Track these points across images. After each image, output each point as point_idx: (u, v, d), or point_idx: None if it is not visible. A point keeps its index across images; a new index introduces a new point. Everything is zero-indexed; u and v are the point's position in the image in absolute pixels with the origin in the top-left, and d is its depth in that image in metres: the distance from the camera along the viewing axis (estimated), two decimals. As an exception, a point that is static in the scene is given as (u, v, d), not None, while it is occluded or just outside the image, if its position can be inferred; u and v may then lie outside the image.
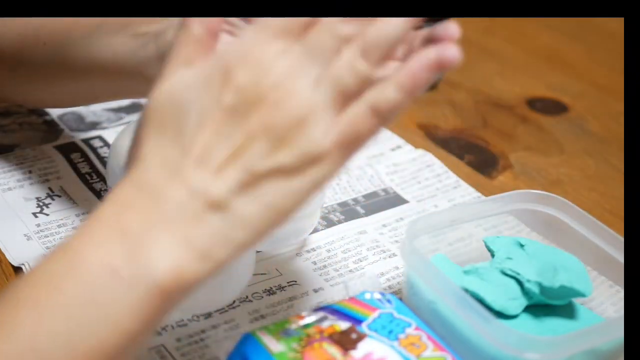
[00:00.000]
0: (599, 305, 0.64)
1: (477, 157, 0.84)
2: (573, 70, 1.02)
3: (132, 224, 0.42)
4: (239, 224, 0.43)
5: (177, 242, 0.42)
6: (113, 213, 0.43)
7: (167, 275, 0.42)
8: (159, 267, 0.42)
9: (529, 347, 0.53)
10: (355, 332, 0.54)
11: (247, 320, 0.61)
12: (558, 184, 0.81)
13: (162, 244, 0.42)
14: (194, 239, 0.42)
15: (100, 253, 0.42)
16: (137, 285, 0.42)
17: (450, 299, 0.56)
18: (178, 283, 0.42)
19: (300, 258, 0.68)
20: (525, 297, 0.61)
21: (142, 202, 0.43)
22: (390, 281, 0.66)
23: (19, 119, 0.81)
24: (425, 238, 0.63)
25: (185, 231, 0.42)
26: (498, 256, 0.63)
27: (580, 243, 0.64)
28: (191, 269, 0.43)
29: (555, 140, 0.88)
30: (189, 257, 0.42)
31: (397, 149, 0.83)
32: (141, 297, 0.42)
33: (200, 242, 0.43)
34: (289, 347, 0.52)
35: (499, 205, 0.66)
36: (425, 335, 0.55)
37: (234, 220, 0.43)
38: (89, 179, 0.74)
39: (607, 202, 0.79)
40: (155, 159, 0.44)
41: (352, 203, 0.74)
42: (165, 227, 0.42)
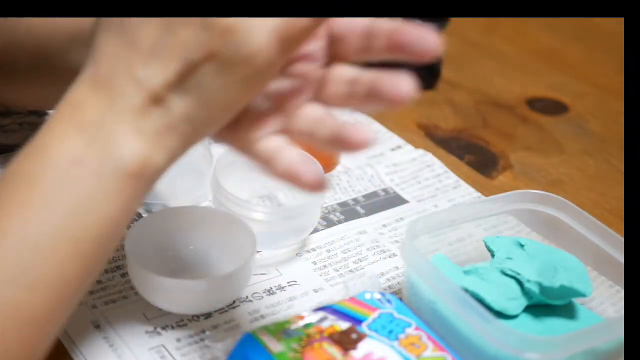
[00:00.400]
0: (599, 305, 0.64)
1: (477, 157, 0.84)
2: (573, 70, 1.02)
3: (88, 119, 0.46)
4: (179, 117, 0.46)
5: (131, 133, 0.45)
6: (70, 111, 0.46)
7: (131, 162, 0.45)
8: (123, 155, 0.45)
9: (529, 347, 0.53)
10: (355, 332, 0.54)
11: (247, 320, 0.61)
12: (558, 184, 0.81)
13: (119, 134, 0.45)
14: (144, 130, 0.46)
15: (64, 148, 0.45)
16: (104, 173, 0.45)
17: (450, 299, 0.56)
18: (142, 168, 0.46)
19: (300, 258, 0.68)
20: (525, 297, 0.61)
21: (95, 98, 0.46)
22: (390, 281, 0.66)
23: (19, 119, 0.81)
24: (425, 238, 0.63)
25: (136, 124, 0.46)
26: (498, 256, 0.63)
27: (580, 243, 0.64)
28: (152, 157, 0.46)
29: (555, 140, 0.88)
30: (146, 146, 0.46)
31: (397, 149, 0.83)
32: (111, 182, 0.45)
33: (150, 132, 0.46)
34: (289, 347, 0.52)
35: (499, 205, 0.66)
36: (425, 335, 0.55)
37: (173, 113, 0.46)
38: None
39: (607, 202, 0.79)
40: (106, 57, 0.46)
41: (352, 203, 0.74)
42: (119, 119, 0.45)
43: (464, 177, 0.79)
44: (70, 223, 0.45)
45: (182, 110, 0.46)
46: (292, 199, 0.72)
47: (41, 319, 0.45)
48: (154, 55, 0.45)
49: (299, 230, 0.67)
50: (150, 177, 0.47)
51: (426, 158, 0.81)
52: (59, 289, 0.45)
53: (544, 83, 0.99)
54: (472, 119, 0.91)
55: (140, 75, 0.45)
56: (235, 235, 0.62)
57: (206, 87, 0.45)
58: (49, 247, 0.45)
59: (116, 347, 0.57)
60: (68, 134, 0.46)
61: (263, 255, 0.67)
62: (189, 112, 0.46)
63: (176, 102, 0.45)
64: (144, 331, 0.59)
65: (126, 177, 0.45)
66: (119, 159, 0.45)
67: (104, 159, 0.45)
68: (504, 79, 0.99)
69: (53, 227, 0.45)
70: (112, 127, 0.45)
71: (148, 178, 0.47)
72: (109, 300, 0.61)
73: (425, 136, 0.86)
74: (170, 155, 0.47)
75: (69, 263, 0.45)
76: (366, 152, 0.82)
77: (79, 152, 0.45)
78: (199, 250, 0.64)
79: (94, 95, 0.46)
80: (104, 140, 0.45)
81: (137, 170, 0.46)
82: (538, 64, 1.04)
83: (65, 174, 0.45)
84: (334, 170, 0.78)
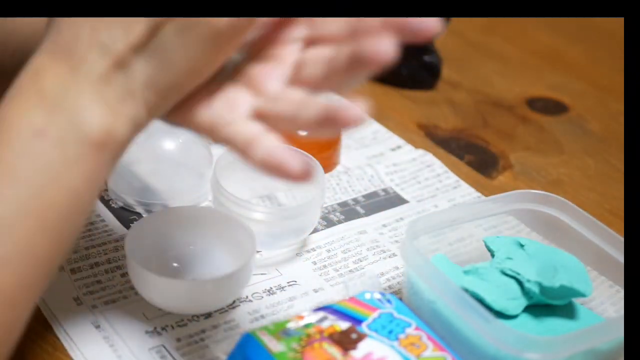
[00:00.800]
0: (599, 305, 0.64)
1: (477, 157, 0.84)
2: (573, 70, 1.02)
3: (49, 87, 0.45)
4: (142, 83, 0.45)
5: (94, 101, 0.44)
6: (30, 80, 0.45)
7: (94, 130, 0.44)
8: (86, 123, 0.44)
9: (529, 347, 0.53)
10: (355, 332, 0.54)
11: (247, 320, 0.61)
12: (558, 184, 0.81)
13: (82, 103, 0.44)
14: (107, 98, 0.45)
15: (24, 117, 0.44)
16: (66, 142, 0.44)
17: (450, 299, 0.56)
18: (106, 138, 0.45)
19: (300, 258, 0.68)
20: (525, 297, 0.61)
21: (56, 65, 0.45)
22: (390, 281, 0.66)
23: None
24: (425, 238, 0.63)
25: (99, 91, 0.45)
26: (498, 256, 0.63)
27: (580, 243, 0.64)
28: (115, 126, 0.45)
29: (555, 140, 0.88)
30: (109, 114, 0.45)
31: (397, 149, 0.83)
32: (75, 153, 0.44)
33: (113, 101, 0.45)
34: (289, 347, 0.52)
35: (499, 205, 0.66)
36: (425, 335, 0.55)
37: (135, 78, 0.45)
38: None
39: (607, 202, 0.79)
40: (67, 25, 0.45)
41: (352, 203, 0.74)
42: (81, 87, 0.45)
43: (464, 177, 0.80)
44: (34, 196, 0.44)
45: (144, 73, 0.45)
46: (292, 199, 0.72)
47: (13, 296, 0.44)
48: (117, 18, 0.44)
49: (298, 230, 0.67)
50: (115, 148, 0.46)
51: (426, 158, 0.81)
52: (29, 264, 0.44)
53: (544, 83, 0.99)
54: (472, 119, 0.91)
55: (103, 40, 0.44)
56: (235, 235, 0.63)
57: (168, 48, 0.45)
58: (15, 222, 0.44)
59: (116, 347, 0.57)
60: (29, 105, 0.45)
61: (263, 255, 0.67)
62: (151, 75, 0.45)
63: (138, 66, 0.45)
64: (144, 331, 0.59)
65: (90, 146, 0.44)
66: (82, 128, 0.44)
67: (67, 129, 0.44)
68: (504, 79, 0.99)
69: (17, 201, 0.44)
70: (74, 95, 0.44)
71: (112, 149, 0.46)
72: (109, 300, 0.61)
73: (425, 136, 0.86)
74: (134, 125, 0.46)
75: (36, 238, 0.44)
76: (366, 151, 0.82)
77: (41, 122, 0.44)
78: (199, 250, 0.64)
79: (55, 64, 0.45)
80: (66, 109, 0.44)
81: (101, 140, 0.45)
82: (538, 64, 1.04)
83: (27, 145, 0.44)
84: (334, 170, 0.78)
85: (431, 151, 0.82)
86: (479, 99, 0.94)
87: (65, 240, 0.47)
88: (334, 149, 0.78)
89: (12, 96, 0.45)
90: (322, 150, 0.76)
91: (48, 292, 0.59)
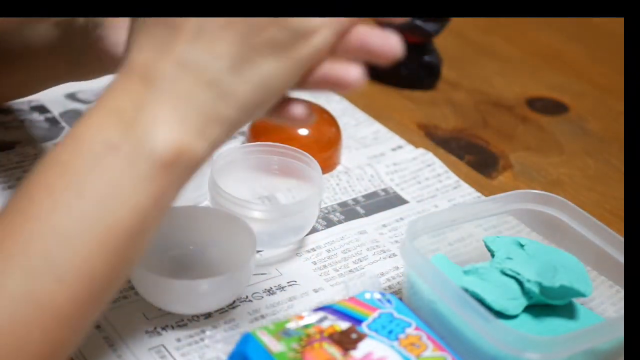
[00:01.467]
0: (599, 305, 0.64)
1: (477, 157, 0.84)
2: (573, 70, 1.02)
3: (126, 104, 0.44)
4: (229, 101, 0.45)
5: (170, 117, 0.44)
6: (109, 98, 0.45)
7: (165, 149, 0.44)
8: (157, 141, 0.44)
9: (529, 347, 0.53)
10: (355, 332, 0.54)
11: (247, 320, 0.61)
12: (558, 184, 0.81)
13: (157, 120, 0.44)
14: (186, 115, 0.44)
15: (99, 132, 0.44)
16: (137, 159, 0.44)
17: (450, 299, 0.56)
18: (178, 157, 0.44)
19: (300, 258, 0.68)
20: (525, 297, 0.61)
21: (134, 83, 0.45)
22: (390, 281, 0.66)
23: (20, 116, 0.81)
24: (425, 238, 0.63)
25: (178, 108, 0.44)
26: (498, 256, 0.63)
27: (580, 243, 0.64)
28: (190, 146, 0.44)
29: (555, 140, 0.88)
30: (184, 132, 0.44)
31: (397, 149, 0.83)
32: (144, 170, 0.44)
33: (193, 118, 0.44)
34: (289, 347, 0.52)
35: (499, 205, 0.66)
36: (425, 335, 0.55)
37: (225, 97, 0.45)
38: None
39: (607, 202, 0.79)
40: (147, 42, 0.45)
41: (352, 203, 0.74)
42: (158, 104, 0.44)
43: (464, 177, 0.79)
44: (100, 212, 0.43)
45: (238, 95, 0.44)
46: (291, 198, 0.72)
47: (66, 313, 0.43)
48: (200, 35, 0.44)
49: (297, 229, 0.67)
50: (187, 167, 0.45)
51: (426, 157, 0.81)
52: (86, 282, 0.43)
53: (544, 83, 0.99)
54: (472, 119, 0.91)
55: (186, 58, 0.44)
56: (235, 235, 0.62)
57: (265, 69, 0.44)
58: (77, 237, 0.43)
59: (116, 347, 0.57)
60: (104, 120, 0.44)
61: (263, 255, 0.67)
62: (244, 96, 0.45)
63: (233, 86, 0.44)
64: (144, 331, 0.59)
65: (159, 165, 0.44)
66: (153, 145, 0.44)
67: (138, 145, 0.44)
68: (504, 79, 0.99)
69: (82, 217, 0.43)
70: (150, 112, 0.44)
71: (183, 168, 0.45)
72: (109, 300, 0.61)
73: (426, 136, 0.86)
74: (211, 145, 0.45)
75: (97, 255, 0.44)
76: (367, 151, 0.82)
77: (114, 137, 0.44)
78: (199, 250, 0.64)
79: (133, 82, 0.45)
80: (139, 126, 0.44)
81: (172, 159, 0.44)
82: (538, 64, 1.04)
83: (98, 160, 0.44)
84: (334, 170, 0.78)
85: (431, 151, 0.82)
86: (479, 99, 0.94)
87: (125, 263, 0.46)
88: (334, 149, 0.78)
89: (89, 113, 0.45)
90: (322, 150, 0.76)
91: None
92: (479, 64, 1.02)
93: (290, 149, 0.70)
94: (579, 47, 1.08)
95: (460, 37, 1.05)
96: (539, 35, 1.10)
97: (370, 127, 0.86)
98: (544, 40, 1.09)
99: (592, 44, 1.09)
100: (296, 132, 0.76)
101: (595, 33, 1.11)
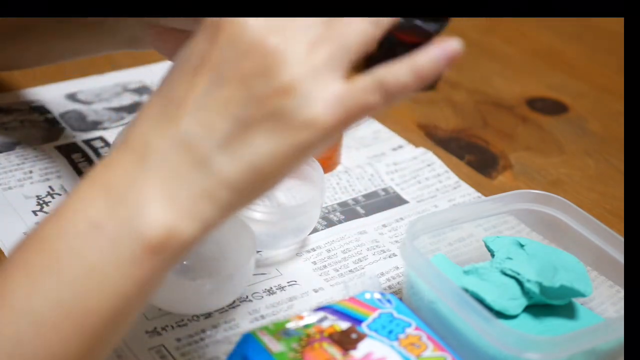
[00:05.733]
0: (599, 305, 0.64)
1: (477, 157, 0.84)
2: (573, 70, 1.02)
3: (116, 179, 0.42)
4: (221, 182, 0.42)
5: (161, 198, 0.41)
6: (100, 171, 0.43)
7: (153, 231, 0.41)
8: (144, 221, 0.41)
9: (529, 347, 0.53)
10: (355, 332, 0.54)
11: (247, 320, 0.61)
12: (558, 184, 0.81)
13: (146, 200, 0.41)
14: (178, 195, 0.41)
15: (85, 209, 0.41)
16: (122, 241, 0.41)
17: (450, 299, 0.56)
18: (166, 240, 0.41)
19: (300, 258, 0.68)
20: (525, 297, 0.61)
21: (128, 156, 0.42)
22: (390, 281, 0.66)
23: (20, 117, 0.81)
24: (425, 238, 0.63)
25: (169, 187, 0.41)
26: (498, 256, 0.63)
27: (580, 243, 0.64)
28: (180, 228, 0.41)
29: (555, 140, 0.88)
30: (175, 214, 0.41)
31: (398, 148, 0.83)
32: (129, 253, 0.41)
33: (184, 199, 0.41)
34: (289, 347, 0.52)
35: (499, 205, 0.66)
36: (425, 335, 0.55)
37: (216, 177, 0.42)
38: (89, 178, 0.74)
39: (607, 202, 0.79)
40: (147, 115, 0.43)
41: (352, 203, 0.74)
42: (149, 182, 0.41)
43: (464, 177, 0.79)
44: (76, 298, 0.41)
45: (226, 174, 0.42)
46: (292, 198, 0.72)
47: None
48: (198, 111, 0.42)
49: (298, 230, 0.67)
50: (175, 252, 0.42)
51: (427, 156, 0.81)
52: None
53: (544, 83, 0.99)
54: (472, 119, 0.91)
55: (180, 133, 0.42)
56: (235, 235, 0.62)
57: (256, 150, 0.41)
58: (51, 322, 0.40)
59: (116, 347, 0.57)
60: (91, 196, 0.42)
61: (263, 255, 0.67)
62: (233, 177, 0.42)
63: (223, 166, 0.42)
64: (144, 331, 0.59)
65: (145, 248, 0.41)
66: (139, 226, 0.41)
67: (124, 225, 0.41)
68: (504, 79, 0.99)
69: (58, 301, 0.40)
70: (140, 192, 0.41)
71: (172, 252, 0.42)
72: (109, 300, 0.61)
73: (426, 136, 0.86)
74: (203, 226, 0.42)
75: (73, 341, 0.41)
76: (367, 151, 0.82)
77: (100, 215, 0.41)
78: (199, 250, 0.64)
79: (127, 156, 0.42)
80: (128, 206, 0.41)
81: (159, 242, 0.41)
82: (538, 64, 1.04)
83: (80, 238, 0.41)
84: (335, 170, 0.78)
85: (431, 151, 0.82)
86: (479, 99, 0.94)
87: (102, 349, 0.43)
88: (335, 149, 0.78)
89: (79, 186, 0.42)
90: (322, 150, 0.76)
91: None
92: (479, 64, 1.02)
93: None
94: (579, 47, 1.08)
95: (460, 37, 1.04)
96: (539, 35, 1.10)
97: (370, 127, 0.86)
98: (544, 40, 1.09)
99: (592, 44, 1.09)
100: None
101: (595, 33, 1.11)
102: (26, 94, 0.85)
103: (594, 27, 1.10)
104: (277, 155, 0.42)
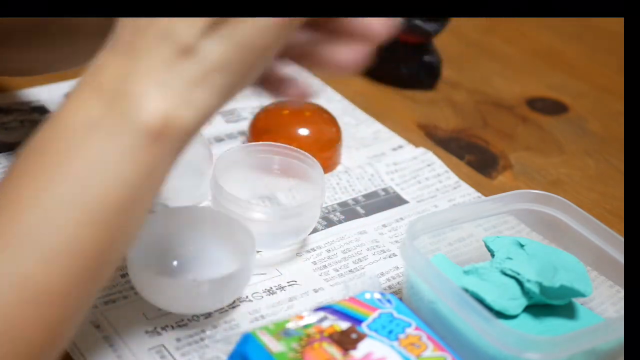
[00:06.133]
0: (599, 305, 0.64)
1: (477, 157, 0.84)
2: (573, 70, 1.02)
3: (108, 79, 0.43)
4: (213, 66, 0.44)
5: (155, 89, 0.43)
6: (90, 76, 0.44)
7: (151, 119, 0.43)
8: (141, 112, 0.43)
9: (529, 347, 0.53)
10: (355, 332, 0.54)
11: (247, 320, 0.61)
12: (558, 184, 0.81)
13: (141, 92, 0.43)
14: (172, 85, 0.43)
15: (80, 112, 0.43)
16: (120, 132, 0.43)
17: (450, 299, 0.56)
18: (165, 127, 0.43)
19: (300, 258, 0.68)
20: (525, 297, 0.61)
21: (116, 59, 0.44)
22: (390, 281, 0.66)
23: (20, 117, 0.81)
24: (425, 238, 0.63)
25: (162, 78, 0.43)
26: (498, 256, 0.63)
27: (580, 243, 0.64)
28: (177, 114, 0.43)
29: (555, 140, 0.88)
30: (171, 102, 0.43)
31: (398, 148, 0.83)
32: (129, 143, 0.43)
33: (178, 87, 0.43)
34: (289, 347, 0.52)
35: (499, 205, 0.66)
36: (425, 335, 0.55)
37: (206, 62, 0.43)
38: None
39: (607, 202, 0.79)
40: (129, 21, 0.44)
41: (352, 203, 0.74)
42: (141, 77, 0.43)
43: (464, 177, 0.79)
44: (83, 190, 0.43)
45: (216, 57, 0.43)
46: (292, 198, 0.72)
47: (59, 294, 0.42)
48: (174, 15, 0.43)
49: (298, 230, 0.67)
50: (176, 139, 0.44)
51: (427, 156, 0.81)
52: (76, 261, 0.43)
53: (544, 83, 0.99)
54: (472, 119, 0.91)
55: (168, 28, 0.43)
56: (235, 235, 0.62)
57: (242, 25, 0.43)
58: (62, 217, 0.42)
59: (116, 347, 0.57)
60: (85, 98, 0.44)
61: (263, 255, 0.67)
62: (224, 57, 0.43)
63: (210, 49, 0.43)
64: (144, 331, 0.59)
65: (145, 135, 0.43)
66: (137, 116, 0.43)
67: (121, 119, 0.43)
68: (504, 79, 0.99)
69: (65, 196, 0.42)
70: (133, 86, 0.43)
71: (172, 139, 0.44)
72: (109, 300, 0.61)
73: (426, 136, 0.86)
74: (202, 113, 0.44)
75: (85, 233, 0.43)
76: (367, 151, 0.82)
77: (95, 114, 0.43)
78: (199, 250, 0.64)
79: (116, 58, 0.44)
80: (123, 100, 0.43)
81: (158, 129, 0.43)
82: (538, 64, 1.04)
83: (79, 138, 0.43)
84: (335, 170, 0.78)
85: (431, 151, 0.82)
86: (479, 99, 0.94)
87: (118, 238, 0.45)
88: (335, 149, 0.78)
89: (71, 93, 0.44)
90: (323, 150, 0.76)
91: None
92: (479, 64, 1.02)
93: (291, 149, 0.70)
94: (579, 47, 1.08)
95: (460, 37, 1.05)
96: (539, 35, 1.10)
97: (370, 127, 0.86)
98: (544, 40, 1.09)
99: (592, 44, 1.09)
100: (297, 132, 0.76)
101: (595, 33, 1.11)
102: (26, 94, 0.85)
103: (594, 27, 1.10)
104: (263, 26, 0.44)
